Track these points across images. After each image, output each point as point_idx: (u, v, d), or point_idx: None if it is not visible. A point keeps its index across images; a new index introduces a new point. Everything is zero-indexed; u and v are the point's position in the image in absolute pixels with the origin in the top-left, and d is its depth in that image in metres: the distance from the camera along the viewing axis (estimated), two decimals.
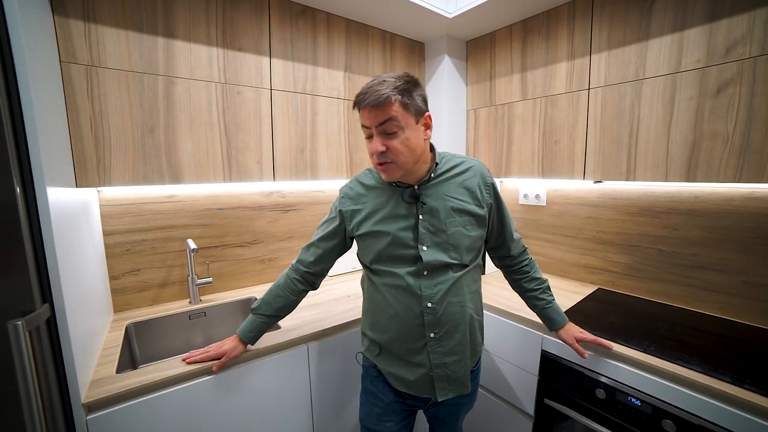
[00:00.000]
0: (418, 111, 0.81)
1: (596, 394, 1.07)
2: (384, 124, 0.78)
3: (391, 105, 0.76)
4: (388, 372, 0.92)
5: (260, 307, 1.01)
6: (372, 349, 0.95)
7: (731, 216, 1.19)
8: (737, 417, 0.82)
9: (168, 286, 1.38)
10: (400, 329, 0.88)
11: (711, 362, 0.94)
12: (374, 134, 0.80)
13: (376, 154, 0.80)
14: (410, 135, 0.79)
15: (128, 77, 1.05)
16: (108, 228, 1.25)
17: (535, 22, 1.43)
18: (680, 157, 1.08)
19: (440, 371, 0.87)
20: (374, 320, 0.94)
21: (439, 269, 0.85)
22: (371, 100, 0.76)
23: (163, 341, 1.30)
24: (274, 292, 1.02)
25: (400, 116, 0.77)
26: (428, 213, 0.86)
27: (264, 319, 1.00)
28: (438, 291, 0.85)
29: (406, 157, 0.80)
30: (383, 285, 0.90)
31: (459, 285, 0.87)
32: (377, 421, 0.97)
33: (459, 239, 0.86)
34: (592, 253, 1.55)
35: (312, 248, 1.01)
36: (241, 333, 1.00)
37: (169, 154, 1.13)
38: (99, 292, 1.11)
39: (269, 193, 1.60)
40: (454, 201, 0.86)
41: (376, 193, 0.91)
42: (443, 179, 0.88)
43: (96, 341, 1.02)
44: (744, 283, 1.18)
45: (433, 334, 0.86)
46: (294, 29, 1.35)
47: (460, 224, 0.86)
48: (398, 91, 0.76)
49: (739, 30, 0.97)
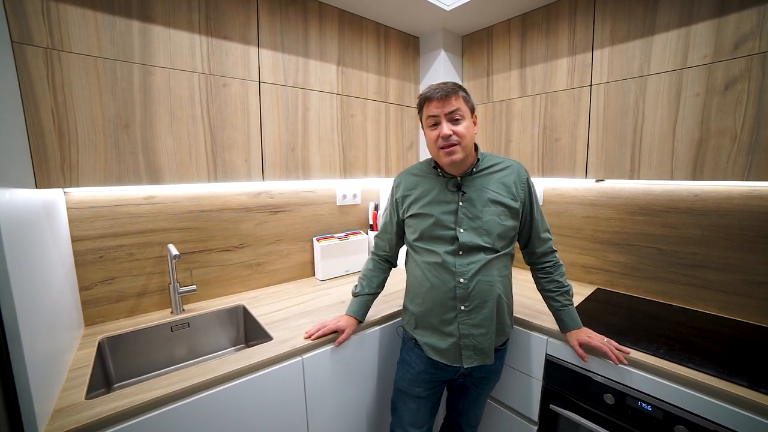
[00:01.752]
0: (472, 108, 0.98)
1: (604, 399, 1.03)
2: (452, 113, 0.94)
3: (458, 97, 0.95)
4: (424, 342, 1.06)
5: (362, 290, 1.19)
6: (411, 323, 1.10)
7: (730, 214, 1.19)
8: (754, 422, 0.80)
9: (147, 296, 1.27)
10: (436, 301, 1.01)
11: (724, 365, 0.92)
12: (442, 121, 0.95)
13: (443, 138, 0.94)
14: (468, 125, 0.96)
15: (98, 64, 0.94)
16: (77, 233, 1.13)
17: (534, 17, 1.39)
18: (686, 155, 1.06)
19: (468, 341, 1.00)
20: (414, 294, 1.08)
21: (472, 250, 0.98)
22: (442, 92, 0.94)
23: (142, 356, 1.18)
24: (368, 275, 1.21)
25: (463, 108, 0.95)
26: (468, 201, 0.99)
27: (368, 297, 1.20)
28: (470, 269, 0.97)
29: (467, 141, 0.96)
30: (423, 262, 1.04)
31: (489, 266, 0.98)
32: (408, 385, 1.11)
33: (492, 226, 0.98)
34: (590, 252, 1.53)
35: (381, 236, 1.21)
36: (353, 312, 1.17)
37: (146, 151, 1.02)
38: (66, 306, 0.99)
39: (257, 194, 1.50)
40: (492, 193, 0.99)
41: (425, 181, 1.06)
42: (484, 174, 1.02)
43: (61, 361, 0.91)
44: (744, 282, 1.18)
45: (464, 307, 0.98)
46: (284, 18, 1.26)
47: (494, 213, 0.98)
48: (460, 89, 0.95)
49: (749, 24, 0.95)
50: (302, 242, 1.67)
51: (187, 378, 0.89)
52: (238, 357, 0.98)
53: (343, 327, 1.13)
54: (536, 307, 1.28)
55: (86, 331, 1.15)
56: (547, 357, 1.16)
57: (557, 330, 1.13)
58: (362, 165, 1.56)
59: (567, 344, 1.09)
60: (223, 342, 1.36)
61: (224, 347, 1.36)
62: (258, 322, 1.22)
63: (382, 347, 1.26)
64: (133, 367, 1.17)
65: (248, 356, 0.99)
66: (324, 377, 1.12)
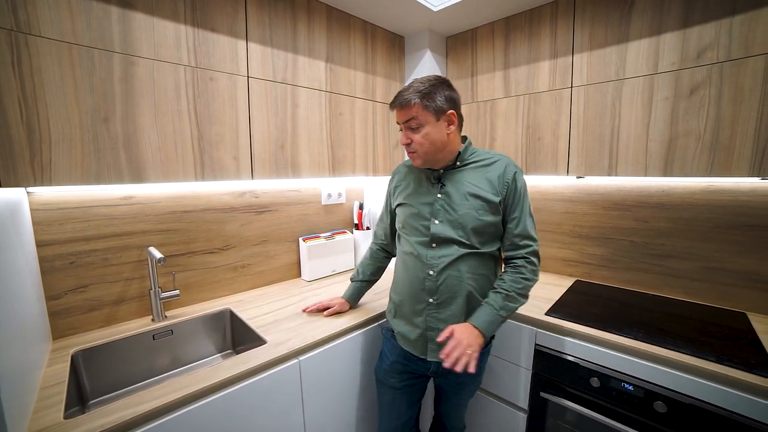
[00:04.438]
0: (439, 110, 0.94)
1: (591, 383, 1.10)
2: (408, 122, 0.96)
3: (411, 107, 0.93)
4: (398, 332, 1.08)
5: (357, 276, 1.27)
6: (391, 311, 1.12)
7: (693, 208, 1.30)
8: (721, 392, 0.89)
9: (125, 303, 1.18)
10: (410, 292, 1.03)
11: (693, 344, 1.01)
12: (402, 129, 0.99)
13: (404, 145, 0.99)
14: (430, 131, 0.95)
15: (72, 51, 0.86)
16: (44, 237, 1.03)
17: (518, 21, 1.45)
18: (658, 154, 1.16)
19: (433, 334, 0.99)
20: (395, 284, 1.11)
21: (445, 243, 0.98)
22: (397, 102, 0.96)
23: (121, 368, 1.10)
24: (364, 263, 1.27)
25: (421, 116, 0.94)
26: (446, 194, 0.99)
27: (361, 284, 1.27)
28: (441, 262, 0.97)
29: (426, 148, 0.96)
30: (403, 253, 1.08)
31: (462, 261, 0.97)
32: (383, 375, 1.14)
33: (467, 220, 0.96)
34: (569, 246, 1.62)
35: (380, 225, 1.25)
36: (347, 296, 1.26)
37: (128, 147, 0.95)
38: (31, 318, 0.89)
39: (241, 194, 1.44)
40: (472, 187, 0.98)
41: (413, 173, 1.08)
42: (468, 168, 1.01)
43: (32, 379, 0.82)
44: (704, 269, 1.30)
45: (432, 300, 0.99)
46: (272, 12, 1.22)
47: (472, 207, 0.96)
48: (419, 95, 0.93)
49: (708, 37, 1.05)
50: (288, 243, 1.63)
51: (180, 388, 0.84)
52: (234, 362, 0.94)
53: (335, 304, 1.23)
54: None
55: (55, 344, 1.05)
56: (537, 347, 1.21)
57: (545, 321, 1.18)
58: (350, 163, 1.55)
59: (553, 333, 1.15)
60: (209, 349, 1.29)
61: (210, 354, 1.30)
62: (248, 326, 1.17)
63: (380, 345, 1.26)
64: (112, 380, 1.09)
65: (245, 361, 0.95)
66: (321, 378, 1.10)
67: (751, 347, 1.00)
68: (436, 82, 0.95)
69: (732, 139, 1.04)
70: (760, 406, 0.84)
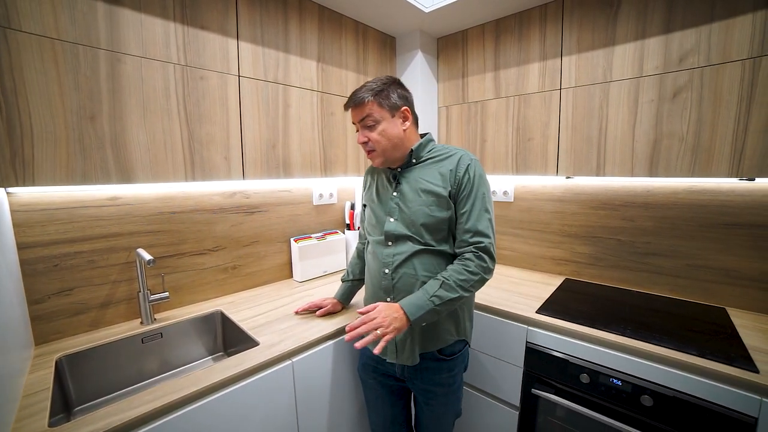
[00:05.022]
0: (393, 107, 0.96)
1: (581, 379, 1.12)
2: (364, 120, 0.96)
3: (366, 105, 0.94)
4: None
5: (347, 276, 1.28)
6: None
7: (676, 207, 1.35)
8: (704, 384, 0.92)
9: (112, 306, 1.15)
10: (371, 291, 1.05)
11: (678, 339, 1.04)
12: (359, 129, 0.99)
13: (361, 145, 0.98)
14: (386, 127, 0.95)
15: (56, 47, 0.84)
16: (25, 240, 1.00)
17: (508, 23, 1.47)
18: (644, 154, 1.19)
19: None
20: (366, 282, 1.12)
21: (399, 240, 0.98)
22: (351, 102, 0.96)
23: (108, 374, 1.07)
24: (352, 262, 1.28)
25: (376, 112, 0.94)
26: (400, 192, 1.00)
27: (350, 284, 1.27)
28: (395, 260, 0.97)
29: (384, 145, 0.96)
30: (367, 252, 1.09)
31: (416, 259, 0.96)
32: (362, 370, 1.15)
33: (418, 216, 0.95)
34: (558, 245, 1.65)
35: (361, 225, 1.23)
36: (337, 296, 1.27)
37: (116, 146, 0.93)
38: (11, 323, 0.86)
39: (231, 194, 1.43)
40: (425, 183, 0.97)
41: (376, 173, 1.10)
42: (424, 164, 1.00)
43: (14, 386, 0.80)
44: (687, 266, 1.35)
45: (389, 299, 0.98)
46: (264, 10, 1.21)
47: (423, 203, 0.95)
48: (373, 93, 0.94)
49: (689, 42, 1.09)
50: (279, 243, 1.61)
51: (171, 391, 0.83)
52: (227, 365, 0.93)
53: (327, 304, 1.23)
54: (514, 299, 1.36)
55: (38, 350, 1.02)
56: (528, 345, 1.23)
57: (536, 319, 1.20)
58: (342, 163, 1.55)
59: (544, 331, 1.18)
60: (200, 352, 1.27)
61: (201, 357, 1.28)
62: (240, 328, 1.15)
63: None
64: (99, 386, 1.06)
65: (238, 363, 0.93)
66: (315, 379, 1.09)
67: (731, 341, 1.03)
68: (388, 81, 0.97)
69: (712, 141, 1.07)
70: (740, 397, 0.87)
